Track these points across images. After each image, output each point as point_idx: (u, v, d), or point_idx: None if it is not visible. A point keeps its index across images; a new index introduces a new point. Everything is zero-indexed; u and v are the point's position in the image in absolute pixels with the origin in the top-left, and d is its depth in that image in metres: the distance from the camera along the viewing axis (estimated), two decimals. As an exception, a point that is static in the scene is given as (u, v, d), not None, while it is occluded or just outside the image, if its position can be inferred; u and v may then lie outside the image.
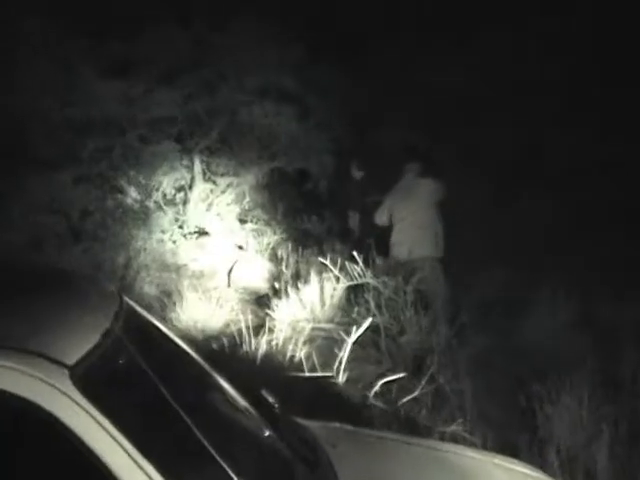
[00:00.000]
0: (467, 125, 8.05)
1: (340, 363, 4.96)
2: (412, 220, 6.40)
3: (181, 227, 7.85)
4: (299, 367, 5.05)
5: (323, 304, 6.08)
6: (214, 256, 7.76)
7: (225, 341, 5.61)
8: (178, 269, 7.42)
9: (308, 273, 6.63)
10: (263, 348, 5.33)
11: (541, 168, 7.69)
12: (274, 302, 6.21)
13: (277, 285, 6.64)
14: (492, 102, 8.04)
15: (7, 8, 6.10)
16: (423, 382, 4.72)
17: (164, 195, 7.87)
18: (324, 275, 6.25)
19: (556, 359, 4.77)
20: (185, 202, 8.07)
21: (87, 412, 1.72)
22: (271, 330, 5.67)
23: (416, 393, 4.68)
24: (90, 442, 1.70)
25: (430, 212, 6.44)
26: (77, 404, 1.72)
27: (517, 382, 4.79)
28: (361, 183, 7.87)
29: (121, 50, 6.53)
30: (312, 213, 8.45)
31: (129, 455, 1.73)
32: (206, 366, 2.61)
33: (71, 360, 1.81)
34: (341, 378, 4.92)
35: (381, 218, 6.67)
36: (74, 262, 6.27)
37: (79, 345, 1.90)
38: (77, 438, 1.69)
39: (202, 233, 8.09)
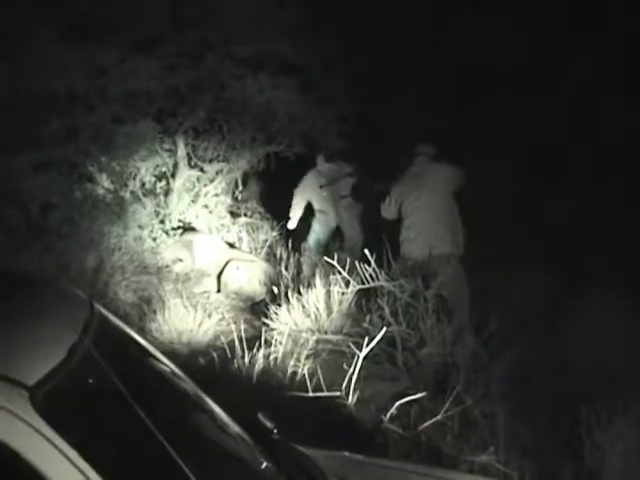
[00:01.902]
0: (497, 103, 8.01)
1: (350, 381, 4.95)
2: (425, 213, 6.39)
3: (162, 222, 7.85)
4: (302, 386, 5.04)
5: (329, 311, 6.07)
6: (201, 256, 7.76)
7: (215, 356, 5.61)
8: (159, 271, 7.42)
9: (312, 275, 6.62)
10: (259, 364, 5.33)
11: (588, 153, 7.64)
12: (272, 309, 6.21)
13: (275, 289, 6.63)
14: (525, 75, 8.00)
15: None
16: (447, 403, 4.70)
17: (142, 184, 7.87)
18: (331, 277, 6.24)
19: (606, 376, 4.75)
20: (167, 192, 8.08)
21: (50, 442, 1.69)
22: (269, 342, 5.67)
23: (439, 416, 4.66)
24: (53, 478, 1.67)
25: (446, 203, 6.42)
26: (38, 432, 1.70)
27: (559, 403, 4.77)
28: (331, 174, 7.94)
29: (88, 9, 6.49)
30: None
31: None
32: (192, 385, 2.59)
33: (31, 380, 1.79)
34: (351, 398, 4.90)
35: (388, 211, 6.64)
36: (35, 263, 6.25)
37: (41, 362, 1.88)
38: (37, 473, 1.67)
39: (187, 229, 8.10)
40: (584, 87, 7.64)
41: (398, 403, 4.78)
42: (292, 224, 8.20)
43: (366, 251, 5.78)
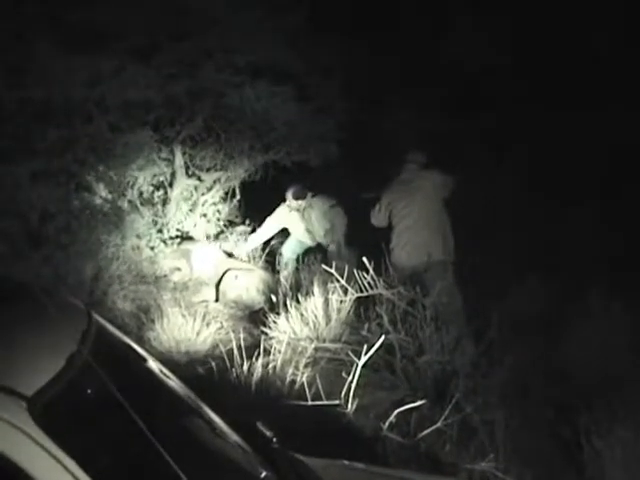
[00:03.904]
0: (495, 109, 8.02)
1: (349, 389, 4.93)
2: (415, 220, 6.41)
3: (160, 231, 7.84)
4: (300, 394, 5.03)
5: (328, 320, 6.06)
6: (199, 265, 7.75)
7: (213, 365, 5.59)
8: (157, 280, 7.41)
9: (310, 283, 6.62)
10: (258, 372, 5.31)
11: (589, 158, 7.63)
12: (271, 318, 6.19)
13: (274, 298, 6.62)
14: (528, 80, 8.02)
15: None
16: (447, 411, 4.69)
17: (140, 193, 7.86)
18: (329, 286, 6.24)
19: (606, 383, 4.75)
20: (165, 202, 8.07)
21: (48, 452, 1.69)
22: (267, 351, 5.65)
23: (439, 424, 4.65)
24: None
25: (436, 210, 6.44)
26: (36, 442, 1.70)
27: (559, 411, 4.76)
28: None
29: (86, 19, 6.49)
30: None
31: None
32: (191, 395, 2.59)
33: (29, 390, 1.79)
34: (350, 407, 4.89)
35: (378, 218, 6.68)
36: (33, 273, 6.24)
37: (39, 372, 1.88)
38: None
39: (185, 238, 8.08)
40: (585, 88, 7.66)
41: (397, 411, 4.76)
42: (245, 246, 8.21)
43: (364, 259, 5.79)
